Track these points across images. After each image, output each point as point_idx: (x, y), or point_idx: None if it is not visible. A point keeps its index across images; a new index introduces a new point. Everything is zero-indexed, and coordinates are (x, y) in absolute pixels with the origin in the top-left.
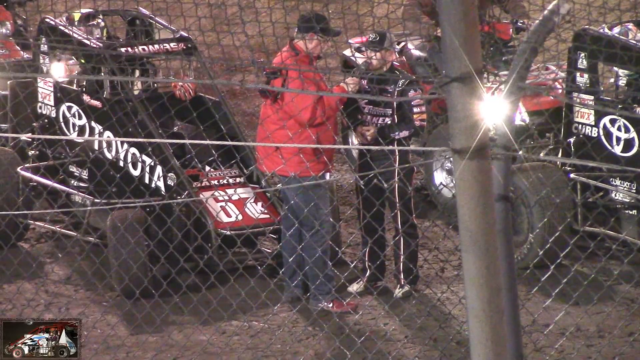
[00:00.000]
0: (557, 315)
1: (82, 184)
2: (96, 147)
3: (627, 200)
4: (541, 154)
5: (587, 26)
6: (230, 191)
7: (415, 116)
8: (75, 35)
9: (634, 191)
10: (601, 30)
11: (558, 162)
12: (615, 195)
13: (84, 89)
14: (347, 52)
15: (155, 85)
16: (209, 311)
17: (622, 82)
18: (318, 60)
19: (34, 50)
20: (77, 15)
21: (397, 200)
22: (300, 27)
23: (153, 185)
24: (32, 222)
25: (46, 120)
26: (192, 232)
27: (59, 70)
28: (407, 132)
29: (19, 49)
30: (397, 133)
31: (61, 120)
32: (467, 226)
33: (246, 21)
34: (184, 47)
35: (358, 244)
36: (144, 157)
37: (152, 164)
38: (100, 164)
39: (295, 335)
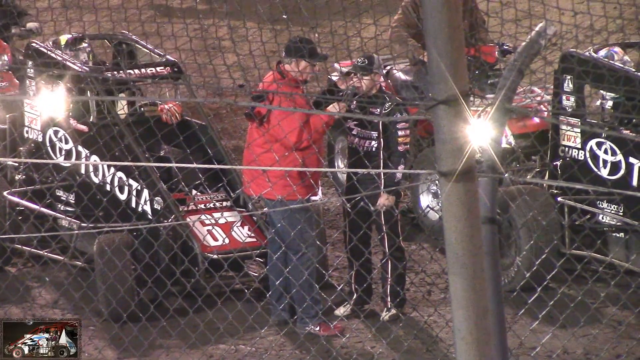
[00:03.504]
0: (544, 338)
1: (69, 208)
2: (83, 171)
3: (614, 223)
4: (527, 177)
5: (572, 49)
6: (217, 215)
7: (400, 139)
8: (61, 59)
9: (621, 214)
10: (587, 53)
11: (545, 185)
12: (602, 218)
13: (70, 113)
14: (334, 76)
15: (142, 109)
16: (196, 335)
17: (608, 104)
18: (305, 84)
19: (20, 74)
20: (63, 39)
21: (384, 224)
22: (287, 50)
23: (140, 209)
24: (19, 246)
25: (33, 145)
26: (179, 256)
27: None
28: (402, 165)
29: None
30: (395, 176)
31: (48, 144)
32: (454, 249)
33: (234, 45)
34: (171, 72)
35: (345, 267)
36: (131, 181)
37: (139, 187)
38: (87, 188)
39: (283, 359)
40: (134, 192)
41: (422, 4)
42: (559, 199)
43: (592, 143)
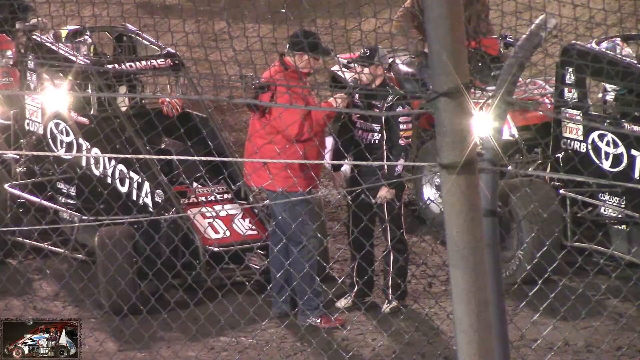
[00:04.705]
0: (545, 330)
1: (70, 201)
2: (84, 163)
3: (616, 215)
4: (530, 169)
5: (574, 41)
6: (218, 208)
7: (401, 133)
8: (62, 51)
9: (623, 206)
10: (589, 45)
11: (547, 177)
12: (604, 211)
13: (71, 106)
14: (335, 68)
15: (143, 101)
16: (197, 327)
17: (610, 97)
18: (307, 77)
19: (21, 67)
20: (64, 32)
21: (386, 216)
22: (291, 43)
23: (141, 201)
24: (20, 238)
25: (34, 137)
26: (180, 249)
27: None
28: (403, 159)
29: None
30: (396, 169)
31: (49, 136)
32: (455, 241)
33: (234, 37)
34: (171, 64)
35: (346, 260)
36: (132, 174)
37: (140, 180)
38: (88, 181)
39: (284, 351)
40: (135, 185)
41: None
42: (561, 191)
43: (595, 135)
